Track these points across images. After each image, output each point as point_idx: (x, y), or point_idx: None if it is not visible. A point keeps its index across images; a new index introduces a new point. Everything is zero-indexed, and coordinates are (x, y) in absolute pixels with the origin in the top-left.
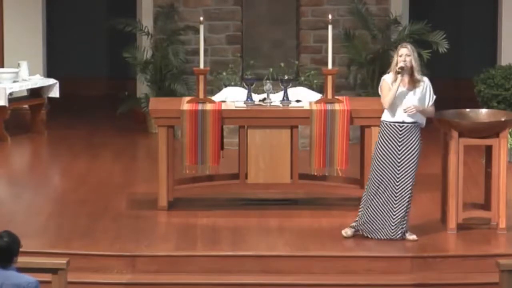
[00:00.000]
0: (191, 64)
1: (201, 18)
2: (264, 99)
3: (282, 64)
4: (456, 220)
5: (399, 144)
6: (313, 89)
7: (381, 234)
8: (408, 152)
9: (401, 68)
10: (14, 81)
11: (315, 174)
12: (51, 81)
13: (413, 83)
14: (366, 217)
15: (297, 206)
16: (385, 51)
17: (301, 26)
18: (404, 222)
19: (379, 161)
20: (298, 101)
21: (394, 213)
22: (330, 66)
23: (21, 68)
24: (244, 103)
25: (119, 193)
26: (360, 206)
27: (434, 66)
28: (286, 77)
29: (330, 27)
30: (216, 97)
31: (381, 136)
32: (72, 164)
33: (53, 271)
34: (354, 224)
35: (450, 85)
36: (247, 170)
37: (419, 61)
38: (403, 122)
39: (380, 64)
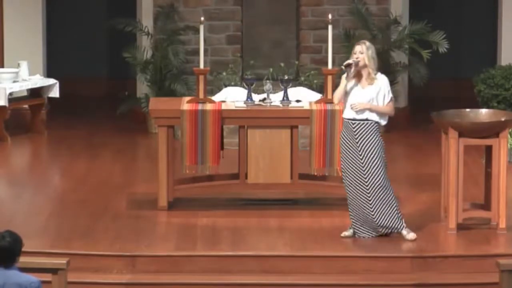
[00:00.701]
0: (191, 64)
1: (201, 18)
2: (264, 99)
3: (282, 64)
4: (456, 220)
5: (356, 140)
6: (313, 89)
7: (368, 232)
8: (367, 149)
9: (347, 65)
10: (14, 81)
11: (315, 174)
12: (51, 81)
13: (367, 81)
14: (353, 218)
15: (297, 206)
16: (385, 51)
17: (301, 26)
18: (391, 218)
19: (343, 160)
20: (298, 101)
21: (372, 211)
22: (330, 66)
23: (21, 68)
24: (244, 103)
25: (119, 193)
26: (349, 208)
27: (434, 66)
28: (286, 77)
29: (330, 27)
30: (216, 97)
31: (341, 133)
32: (72, 164)
33: (53, 271)
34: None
35: (450, 85)
36: (247, 170)
37: (375, 59)
38: (354, 119)
39: (380, 64)
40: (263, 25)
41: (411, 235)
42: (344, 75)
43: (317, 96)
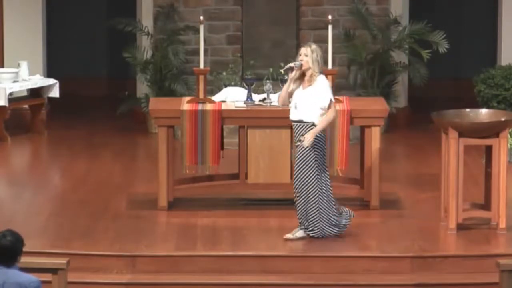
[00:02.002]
0: (191, 64)
1: (201, 18)
2: (264, 99)
3: (282, 64)
4: (456, 220)
5: (296, 142)
6: None
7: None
8: (299, 149)
9: (288, 68)
10: (14, 81)
11: None
12: (51, 81)
13: (308, 83)
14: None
15: None
16: (385, 51)
17: (301, 26)
18: (316, 221)
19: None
20: None
21: (302, 212)
22: (330, 66)
23: (21, 68)
24: (244, 103)
25: (119, 193)
26: None
27: (434, 66)
28: (286, 77)
29: (330, 27)
30: (216, 97)
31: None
32: (72, 164)
33: (53, 271)
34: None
35: (450, 85)
36: (247, 170)
37: (320, 62)
38: (292, 121)
39: (380, 64)
40: (263, 25)
41: (299, 233)
42: (289, 77)
43: None
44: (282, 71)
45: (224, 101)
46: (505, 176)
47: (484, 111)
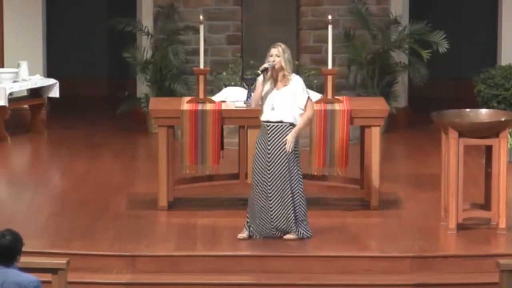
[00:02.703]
0: (191, 64)
1: (201, 18)
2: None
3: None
4: (456, 220)
5: (268, 143)
6: (313, 89)
7: (263, 233)
8: (277, 151)
9: (264, 69)
10: (14, 81)
11: (315, 174)
12: (51, 81)
13: (282, 83)
14: (250, 218)
15: None
16: (385, 51)
17: (301, 26)
18: (288, 222)
19: (254, 160)
20: None
21: (271, 214)
22: (330, 66)
23: (21, 68)
24: (244, 103)
25: (119, 193)
26: (247, 208)
27: (434, 66)
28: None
29: (330, 27)
30: (216, 97)
31: (258, 135)
32: (72, 164)
33: (53, 271)
34: (245, 226)
35: (450, 85)
36: (247, 170)
37: (291, 62)
38: (268, 122)
39: (380, 64)
40: (263, 25)
41: (292, 236)
42: (260, 79)
43: (317, 96)
44: (259, 71)
45: (224, 101)
46: (505, 176)
47: (484, 111)
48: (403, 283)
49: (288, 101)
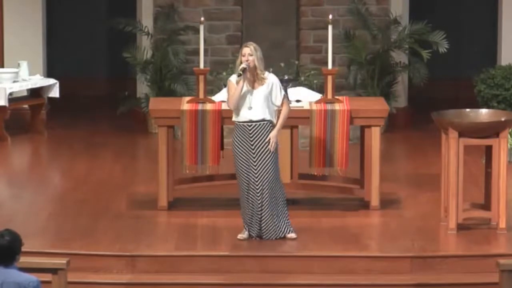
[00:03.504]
0: (191, 64)
1: (201, 18)
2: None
3: (282, 64)
4: (456, 220)
5: (251, 143)
6: (313, 89)
7: (255, 233)
8: (263, 150)
9: (243, 69)
10: (14, 81)
11: (315, 174)
12: (51, 81)
13: (258, 82)
14: (245, 220)
15: (297, 206)
16: (385, 51)
17: (301, 26)
18: (276, 221)
19: (239, 163)
20: (298, 101)
21: (260, 214)
22: (330, 66)
23: (21, 68)
24: None
25: (119, 193)
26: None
27: (434, 66)
28: (286, 77)
29: (330, 27)
30: (216, 97)
31: (234, 137)
32: (72, 164)
33: (53, 271)
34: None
35: (450, 85)
36: None
37: (263, 60)
38: (250, 121)
39: (380, 64)
40: (263, 25)
41: (290, 235)
42: (233, 80)
43: (317, 96)
44: (240, 72)
45: (224, 101)
46: (505, 176)
47: (484, 111)
48: (403, 283)
49: (265, 100)
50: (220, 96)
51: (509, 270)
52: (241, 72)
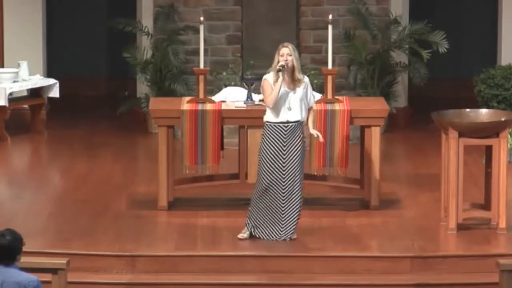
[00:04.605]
0: (191, 64)
1: (201, 18)
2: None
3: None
4: (456, 220)
5: (284, 144)
6: (313, 89)
7: (272, 235)
8: (293, 150)
9: (282, 66)
10: (14, 81)
11: (315, 174)
12: (51, 81)
13: (294, 83)
14: (256, 220)
15: None
16: (385, 51)
17: (301, 26)
18: (295, 223)
19: (267, 163)
20: None
21: (283, 214)
22: (330, 66)
23: (21, 68)
24: (244, 103)
25: (119, 193)
26: (249, 208)
27: (434, 66)
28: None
29: (330, 27)
30: (216, 97)
31: (266, 138)
32: (72, 164)
33: (53, 271)
34: (246, 226)
35: (450, 85)
36: (247, 170)
37: (299, 61)
38: (287, 122)
39: (380, 64)
40: (263, 25)
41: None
42: (273, 79)
43: (317, 96)
44: (278, 67)
45: (224, 101)
46: (505, 176)
47: (484, 111)
48: (403, 283)
49: (302, 101)
50: (220, 96)
51: (509, 270)
52: (281, 68)
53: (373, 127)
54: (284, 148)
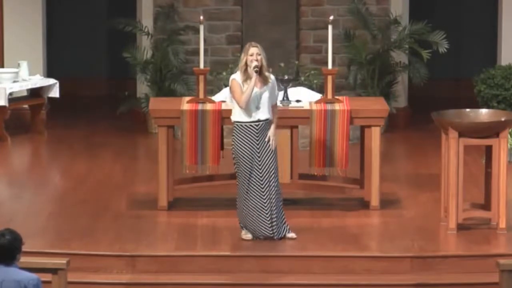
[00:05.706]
0: (191, 64)
1: (201, 18)
2: None
3: (282, 64)
4: (456, 220)
5: (258, 142)
6: (313, 89)
7: (261, 234)
8: (267, 147)
9: (256, 67)
10: (14, 81)
11: (315, 174)
12: (51, 81)
13: (263, 82)
14: (244, 220)
15: (297, 206)
16: (385, 51)
17: (301, 26)
18: (283, 219)
19: (245, 164)
20: (298, 101)
21: (266, 212)
22: (330, 66)
23: (21, 68)
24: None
25: (119, 193)
26: (237, 211)
27: (434, 66)
28: (286, 77)
29: (330, 27)
30: (216, 97)
31: (239, 138)
32: (72, 164)
33: (53, 271)
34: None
35: (450, 85)
36: None
37: (266, 60)
38: (258, 121)
39: (380, 64)
40: (263, 25)
41: (291, 235)
42: (238, 78)
43: (317, 96)
44: (254, 69)
45: (224, 101)
46: (505, 176)
47: (484, 111)
48: (403, 283)
49: (269, 99)
50: (220, 96)
51: (509, 270)
52: (257, 69)
53: (373, 127)
54: (258, 147)
